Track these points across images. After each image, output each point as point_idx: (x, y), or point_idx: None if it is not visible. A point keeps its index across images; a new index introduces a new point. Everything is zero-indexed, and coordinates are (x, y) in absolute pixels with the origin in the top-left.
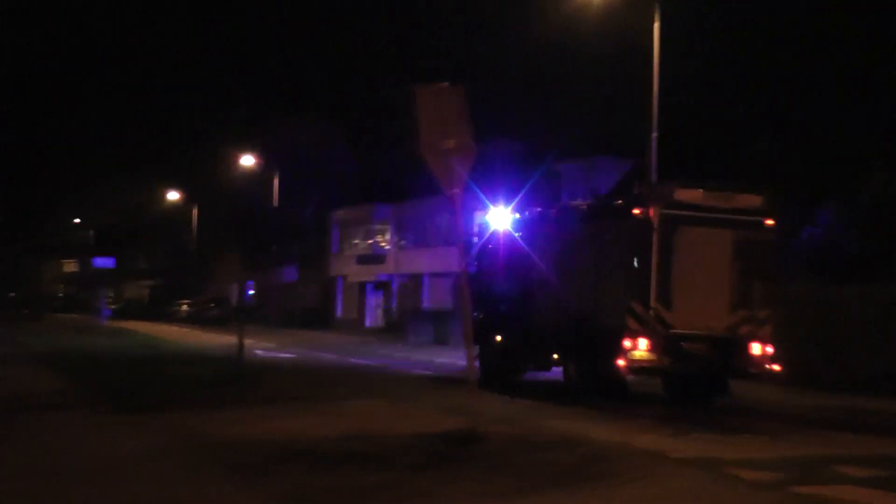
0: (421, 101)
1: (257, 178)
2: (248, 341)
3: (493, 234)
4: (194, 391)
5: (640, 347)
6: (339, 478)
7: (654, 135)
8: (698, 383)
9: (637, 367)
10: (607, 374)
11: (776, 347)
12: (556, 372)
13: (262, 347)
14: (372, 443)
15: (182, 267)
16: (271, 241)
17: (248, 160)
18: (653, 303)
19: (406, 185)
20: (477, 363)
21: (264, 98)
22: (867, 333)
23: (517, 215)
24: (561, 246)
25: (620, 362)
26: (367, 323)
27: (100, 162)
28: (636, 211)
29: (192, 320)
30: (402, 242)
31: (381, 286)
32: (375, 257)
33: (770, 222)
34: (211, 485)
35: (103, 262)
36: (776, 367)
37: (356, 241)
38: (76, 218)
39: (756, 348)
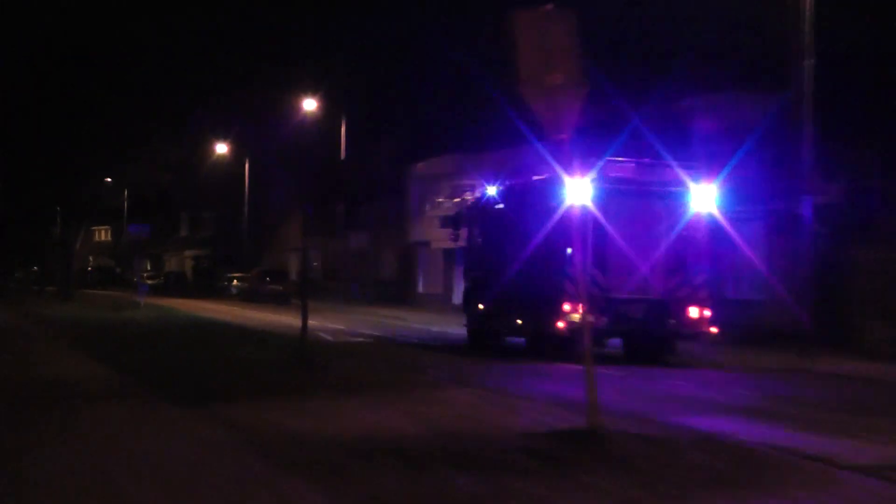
0: (521, 28)
1: (321, 128)
2: (311, 322)
3: (478, 203)
4: (254, 380)
5: (579, 311)
6: (433, 482)
7: (809, 62)
8: (647, 344)
9: (576, 328)
10: (550, 336)
11: (713, 311)
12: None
13: (329, 330)
14: (468, 440)
15: (232, 234)
16: (338, 201)
17: (309, 105)
18: (589, 269)
19: (501, 132)
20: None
21: (327, 35)
22: None
23: (497, 187)
24: (522, 217)
25: (560, 324)
26: (456, 298)
27: (136, 112)
28: (571, 186)
29: (245, 297)
30: None
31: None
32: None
33: (704, 192)
34: (287, 487)
35: (139, 229)
36: (714, 329)
37: (440, 200)
38: (107, 178)
39: (693, 311)
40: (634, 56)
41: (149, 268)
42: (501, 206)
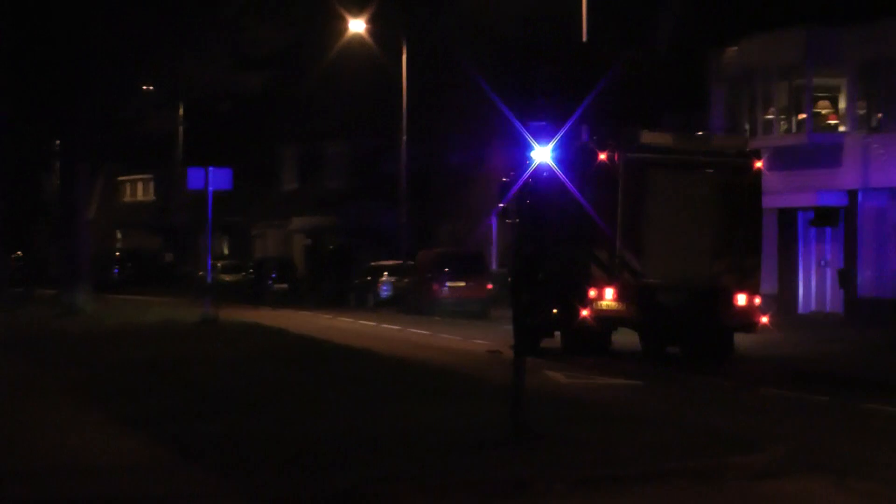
0: None
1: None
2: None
3: (522, 178)
4: (438, 463)
5: (606, 297)
6: None
7: None
8: (696, 339)
9: (602, 318)
10: (576, 327)
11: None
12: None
13: (563, 364)
14: None
15: (376, 192)
16: (578, 121)
17: None
18: (620, 251)
19: None
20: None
21: None
22: None
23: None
24: (558, 191)
25: (584, 312)
26: (802, 304)
27: None
28: (601, 157)
29: (407, 305)
30: (879, 118)
31: (825, 218)
32: (815, 151)
33: (759, 164)
34: None
35: (209, 177)
36: (764, 320)
37: (770, 116)
38: (147, 84)
39: (742, 299)
40: None
41: (225, 252)
42: (532, 183)
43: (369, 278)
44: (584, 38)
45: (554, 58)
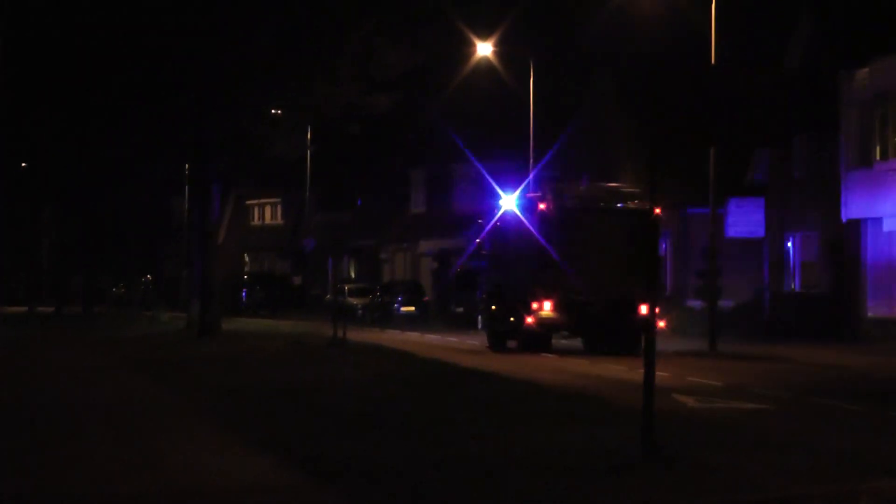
0: None
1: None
2: (661, 373)
3: (491, 220)
4: (570, 486)
5: (545, 308)
6: None
7: None
8: (610, 339)
9: (543, 324)
10: (525, 331)
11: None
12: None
13: (689, 387)
14: None
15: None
16: (702, 144)
17: None
18: (555, 274)
19: None
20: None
21: None
22: None
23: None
24: (514, 233)
25: (530, 320)
26: None
27: None
28: (541, 206)
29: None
30: None
31: None
32: None
33: (657, 212)
34: None
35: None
36: (662, 324)
37: None
38: (275, 109)
39: (644, 309)
40: None
41: (353, 275)
42: (498, 224)
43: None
44: (713, 60)
45: (682, 80)
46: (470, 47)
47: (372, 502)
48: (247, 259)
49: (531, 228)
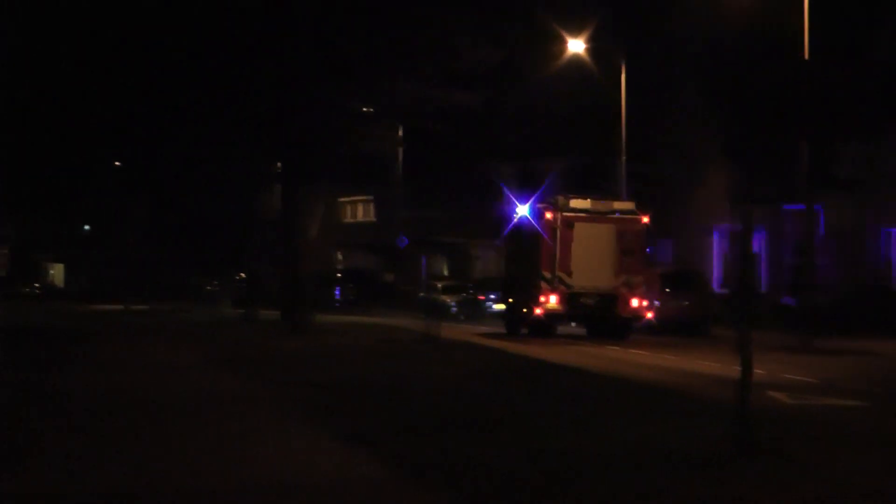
0: None
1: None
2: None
3: (512, 221)
4: (662, 481)
5: (551, 301)
6: None
7: None
8: (605, 327)
9: (549, 314)
10: (533, 320)
11: (650, 301)
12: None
13: (785, 384)
14: None
15: None
16: (798, 137)
17: None
18: (557, 272)
19: None
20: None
21: None
22: None
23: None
24: (526, 237)
25: (538, 311)
26: None
27: None
28: (547, 215)
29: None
30: None
31: None
32: None
33: (645, 220)
34: None
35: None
36: (649, 315)
37: None
38: (366, 107)
39: (634, 302)
40: None
41: (445, 272)
42: (514, 229)
43: None
44: (806, 55)
45: (774, 74)
46: (560, 44)
47: (465, 495)
48: (339, 256)
49: (540, 233)
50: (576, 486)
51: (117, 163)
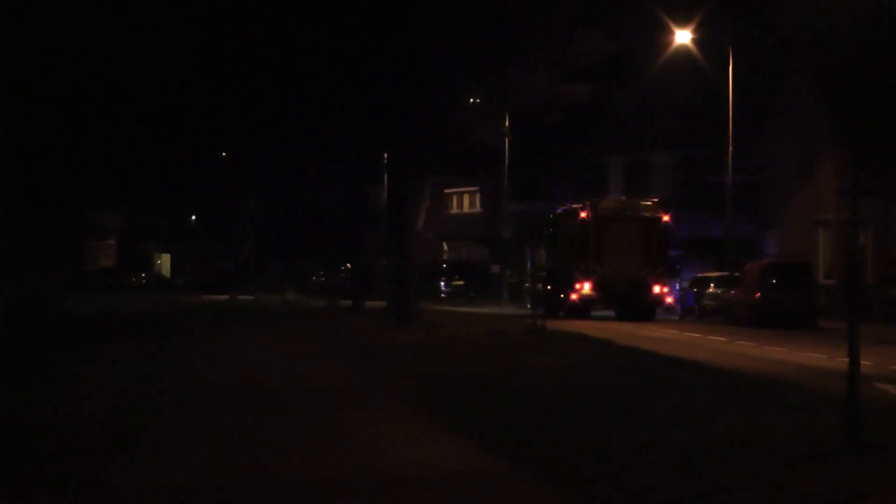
0: None
1: None
2: (865, 363)
3: (549, 221)
4: (771, 474)
5: (585, 288)
6: None
7: None
8: (632, 310)
9: (584, 299)
10: (570, 304)
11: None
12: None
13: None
14: None
15: (700, 197)
16: None
17: None
18: (591, 263)
19: None
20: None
21: None
22: None
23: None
24: (563, 233)
25: (574, 297)
26: None
27: None
28: (582, 214)
29: (730, 317)
30: None
31: None
32: None
33: (666, 218)
34: None
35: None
36: (669, 300)
37: None
38: (474, 98)
39: (656, 289)
40: None
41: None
42: (551, 227)
43: (695, 289)
44: None
45: (887, 63)
46: (668, 34)
47: (572, 486)
48: (445, 247)
49: (575, 230)
50: (686, 479)
51: (224, 153)
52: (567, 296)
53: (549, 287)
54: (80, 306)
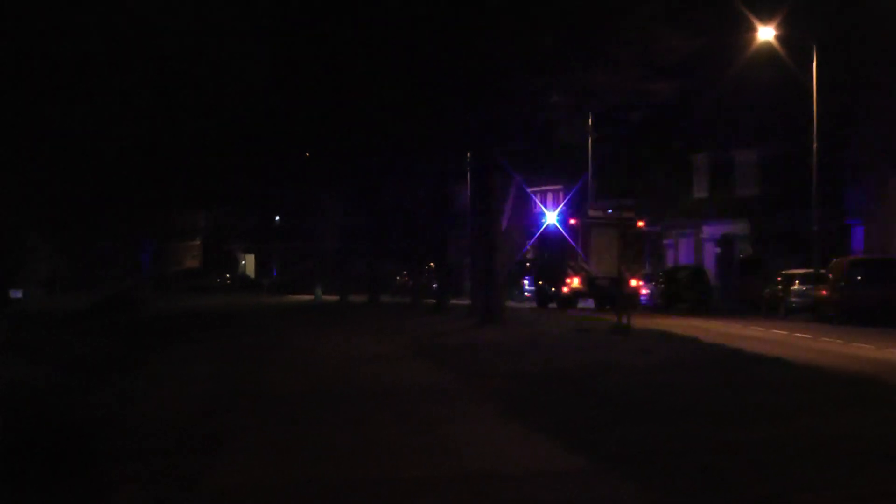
0: None
1: None
2: None
3: (546, 226)
4: (858, 473)
5: (575, 282)
6: None
7: None
8: (613, 301)
9: (573, 292)
10: (561, 296)
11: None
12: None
13: None
14: None
15: (786, 198)
16: None
17: None
18: (580, 262)
19: None
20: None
21: None
22: None
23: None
24: (554, 236)
25: (565, 289)
26: None
27: None
28: (571, 221)
29: (816, 315)
30: None
31: None
32: None
33: (640, 224)
34: None
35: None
36: (645, 292)
37: None
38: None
39: (633, 283)
40: None
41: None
42: (545, 231)
43: (781, 287)
44: None
45: None
46: (752, 30)
47: (656, 485)
48: (528, 246)
49: (565, 234)
50: (766, 477)
51: (308, 154)
52: (558, 289)
53: (538, 282)
54: (168, 306)
